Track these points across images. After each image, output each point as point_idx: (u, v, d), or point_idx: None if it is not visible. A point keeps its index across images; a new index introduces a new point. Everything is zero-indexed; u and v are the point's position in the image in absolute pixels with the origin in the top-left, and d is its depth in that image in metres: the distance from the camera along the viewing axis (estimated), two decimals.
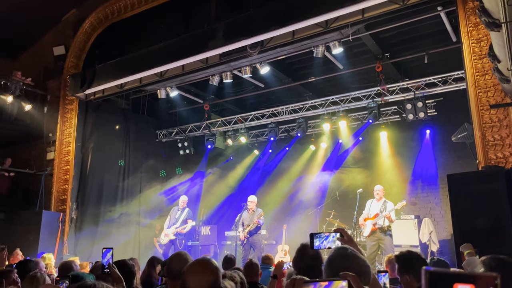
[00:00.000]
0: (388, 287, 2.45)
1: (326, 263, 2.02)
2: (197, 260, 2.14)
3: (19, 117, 10.20)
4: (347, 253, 1.99)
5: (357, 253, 2.00)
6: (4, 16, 10.38)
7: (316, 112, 9.90)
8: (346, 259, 1.94)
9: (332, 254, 2.02)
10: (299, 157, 11.73)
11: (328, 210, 10.35)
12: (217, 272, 2.01)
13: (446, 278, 0.72)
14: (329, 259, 2.02)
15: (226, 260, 5.53)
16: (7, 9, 10.17)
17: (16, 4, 10.06)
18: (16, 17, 10.45)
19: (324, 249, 2.25)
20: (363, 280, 1.78)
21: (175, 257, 2.76)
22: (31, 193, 10.14)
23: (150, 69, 8.72)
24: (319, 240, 2.21)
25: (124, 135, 11.11)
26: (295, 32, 7.07)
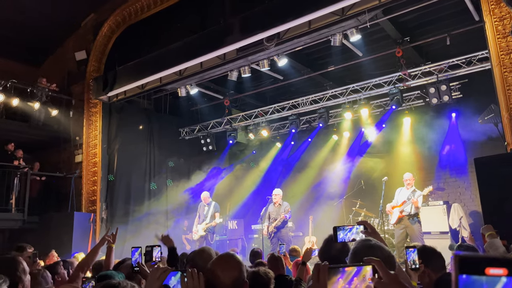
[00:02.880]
0: (417, 262, 2.42)
1: (351, 254, 2.01)
2: (221, 255, 2.17)
3: (46, 122, 10.54)
4: (371, 244, 1.98)
5: (381, 244, 1.98)
6: (27, 25, 10.70)
7: (337, 101, 9.79)
8: (370, 250, 1.93)
9: (356, 245, 2.02)
10: (322, 147, 11.65)
11: (354, 200, 10.26)
12: (241, 268, 2.04)
13: (477, 262, 0.67)
14: (353, 250, 2.01)
15: (253, 253, 5.58)
16: (28, 18, 10.48)
17: (37, 13, 10.34)
18: (38, 25, 10.76)
19: (348, 241, 2.25)
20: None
21: (199, 253, 2.81)
22: (62, 195, 10.47)
23: (169, 68, 8.81)
24: (343, 233, 2.21)
25: (148, 134, 11.30)
26: (311, 22, 6.99)
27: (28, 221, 9.68)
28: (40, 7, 10.23)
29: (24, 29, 10.86)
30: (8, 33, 10.89)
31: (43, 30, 11.01)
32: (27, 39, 11.28)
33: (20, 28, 10.79)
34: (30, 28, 10.85)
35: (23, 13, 10.33)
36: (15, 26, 10.69)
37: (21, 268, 2.20)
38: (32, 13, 10.36)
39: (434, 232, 8.44)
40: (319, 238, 9.92)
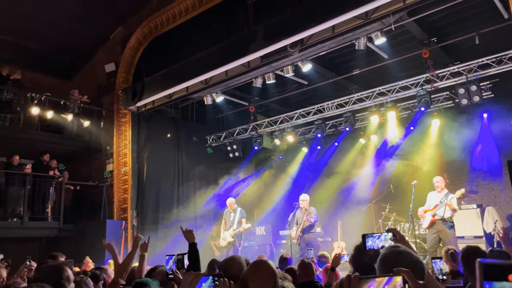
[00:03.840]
0: (444, 272, 2.38)
1: (379, 261, 2.01)
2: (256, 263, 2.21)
3: (79, 133, 10.92)
4: (399, 251, 1.97)
5: (410, 251, 1.98)
6: (59, 41, 11.15)
7: (363, 104, 9.70)
8: (399, 256, 1.92)
9: (385, 252, 2.02)
10: (349, 151, 11.53)
11: (383, 204, 10.10)
12: (276, 275, 2.07)
13: (500, 269, 0.72)
14: (382, 257, 2.01)
15: (282, 260, 5.60)
16: (60, 34, 10.92)
17: (68, 28, 10.77)
18: (69, 40, 11.19)
19: (377, 248, 2.24)
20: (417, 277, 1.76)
21: (229, 261, 2.86)
22: (95, 204, 10.78)
23: (195, 77, 8.98)
24: (371, 240, 2.21)
25: (176, 142, 11.51)
26: (334, 26, 6.98)
27: (63, 229, 10.03)
28: (71, 23, 10.64)
29: (56, 45, 11.32)
30: (42, 48, 11.38)
31: (74, 44, 11.44)
32: (60, 53, 11.75)
33: (53, 43, 11.25)
34: (62, 43, 11.29)
35: (56, 29, 10.78)
36: (48, 42, 11.16)
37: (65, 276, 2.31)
38: (64, 29, 10.79)
39: (468, 237, 8.21)
40: (348, 243, 9.81)
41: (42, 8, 9.99)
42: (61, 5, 10.02)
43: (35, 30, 10.71)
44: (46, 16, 10.30)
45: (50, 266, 2.47)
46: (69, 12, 10.31)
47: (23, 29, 10.60)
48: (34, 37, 10.94)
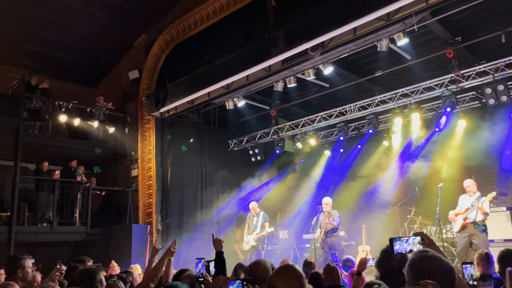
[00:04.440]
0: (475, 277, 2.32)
1: (408, 266, 1.99)
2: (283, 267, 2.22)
3: (104, 139, 11.19)
4: (428, 256, 1.94)
5: (439, 255, 1.94)
6: (84, 49, 11.47)
7: (386, 106, 9.58)
8: (428, 262, 1.90)
9: (414, 257, 1.99)
10: (372, 154, 11.39)
11: (409, 207, 9.92)
12: (302, 277, 2.08)
13: None
14: (410, 262, 1.99)
15: (306, 264, 5.58)
16: (86, 43, 11.23)
17: (93, 37, 11.06)
18: (95, 48, 11.50)
19: (405, 252, 2.22)
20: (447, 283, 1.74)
21: (255, 265, 2.88)
22: (121, 208, 11.01)
23: (217, 82, 9.07)
24: (399, 244, 2.19)
25: (199, 147, 11.64)
26: (356, 29, 6.94)
27: (91, 233, 10.27)
28: (96, 32, 10.94)
29: (82, 53, 11.65)
30: (68, 57, 11.73)
31: (99, 53, 11.75)
32: (86, 62, 12.08)
33: (78, 52, 11.58)
34: (88, 52, 11.62)
35: (82, 38, 11.10)
36: (74, 51, 11.49)
37: (98, 279, 2.38)
38: (90, 38, 11.10)
39: (498, 240, 7.98)
40: (373, 247, 9.68)
41: (69, 18, 10.31)
42: (87, 15, 10.32)
43: (62, 40, 11.05)
44: (73, 26, 10.62)
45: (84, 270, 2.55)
46: (95, 22, 10.60)
47: (50, 39, 10.96)
48: (61, 46, 11.29)
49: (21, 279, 3.25)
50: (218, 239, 3.72)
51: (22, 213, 9.53)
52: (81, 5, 10.00)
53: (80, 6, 10.00)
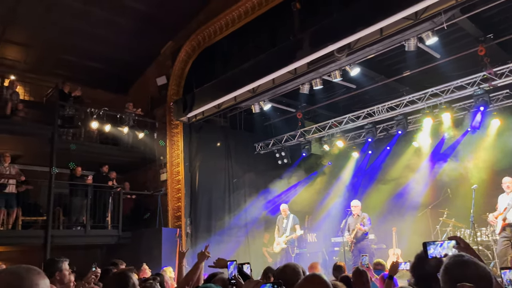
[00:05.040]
0: None
1: (442, 271, 1.95)
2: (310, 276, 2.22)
3: (134, 145, 11.45)
4: (464, 260, 1.90)
5: (475, 260, 1.90)
6: (114, 57, 11.80)
7: (415, 107, 9.38)
8: (464, 267, 1.85)
9: (448, 261, 1.95)
10: (402, 155, 11.16)
11: (441, 209, 9.67)
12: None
13: None
14: (445, 267, 1.95)
15: (336, 267, 5.52)
16: (115, 51, 11.56)
17: (122, 45, 11.38)
18: (124, 56, 11.82)
19: (439, 257, 2.17)
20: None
21: (285, 268, 2.89)
22: (150, 212, 11.22)
23: (243, 87, 9.13)
24: (433, 248, 2.14)
25: (226, 151, 11.74)
26: (382, 29, 6.85)
27: (122, 236, 10.51)
28: (124, 40, 11.24)
29: (112, 61, 11.99)
30: (99, 66, 12.10)
31: (129, 60, 12.07)
32: (115, 70, 12.42)
33: (108, 60, 11.92)
34: (117, 60, 11.95)
35: (111, 47, 11.44)
36: (105, 59, 11.84)
37: (131, 283, 2.45)
38: (118, 46, 11.42)
39: None
40: (403, 250, 9.48)
41: (100, 28, 10.65)
42: (117, 24, 10.63)
43: (93, 49, 11.41)
44: (103, 35, 10.96)
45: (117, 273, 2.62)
46: (124, 31, 10.90)
47: (82, 48, 11.34)
48: (92, 55, 11.67)
49: (59, 282, 3.36)
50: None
51: (57, 217, 9.87)
52: (111, 15, 10.31)
53: (110, 16, 10.31)
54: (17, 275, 1.28)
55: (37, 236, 9.25)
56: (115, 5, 10.01)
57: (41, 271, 1.36)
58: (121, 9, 10.16)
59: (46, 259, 8.41)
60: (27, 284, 1.26)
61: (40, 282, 1.31)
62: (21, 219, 9.32)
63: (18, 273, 1.29)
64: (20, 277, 1.27)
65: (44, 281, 1.32)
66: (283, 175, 12.15)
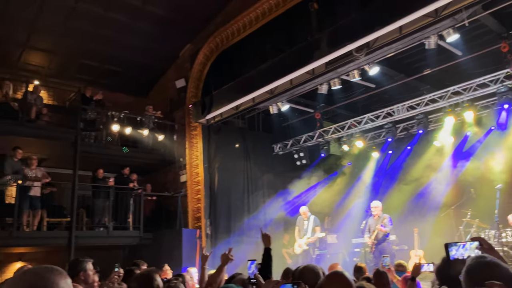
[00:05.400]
0: None
1: (464, 272, 1.92)
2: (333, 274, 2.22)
3: (154, 147, 11.61)
4: (486, 261, 1.87)
5: (498, 261, 1.86)
6: (133, 61, 12.00)
7: (436, 105, 9.22)
8: (486, 268, 1.82)
9: (471, 263, 1.92)
10: (423, 154, 10.96)
11: (464, 210, 9.46)
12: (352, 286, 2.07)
13: None
14: (467, 268, 1.92)
15: (357, 269, 5.49)
16: (134, 54, 11.75)
17: (141, 49, 11.56)
18: (144, 59, 12.01)
19: (462, 258, 2.14)
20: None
21: (305, 270, 2.89)
22: (171, 213, 11.35)
23: (260, 88, 9.16)
24: (455, 249, 2.11)
25: (244, 152, 11.79)
26: (402, 27, 6.75)
27: (143, 237, 10.65)
28: (143, 44, 11.42)
29: (132, 65, 12.19)
30: (119, 69, 12.32)
31: (148, 63, 12.26)
32: (135, 73, 12.63)
33: (128, 64, 12.13)
34: (137, 63, 12.14)
35: (131, 51, 11.63)
36: (125, 63, 12.05)
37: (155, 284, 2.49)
38: (138, 50, 11.61)
39: None
40: (426, 251, 9.32)
41: (120, 33, 10.85)
42: (136, 28, 10.80)
43: (113, 53, 11.64)
44: (123, 40, 11.16)
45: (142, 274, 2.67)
46: (143, 35, 11.08)
47: (103, 53, 11.58)
48: (113, 59, 11.89)
49: (83, 281, 3.44)
50: (266, 234, 3.74)
51: (81, 219, 10.08)
52: (130, 20, 10.50)
53: (129, 20, 10.50)
54: (40, 276, 1.32)
55: (62, 237, 9.47)
56: (135, 10, 10.19)
57: (63, 271, 1.39)
58: (140, 13, 10.34)
59: (70, 259, 8.60)
60: (48, 284, 1.30)
61: (61, 282, 1.34)
62: (46, 221, 9.55)
63: (39, 273, 1.33)
64: (42, 277, 1.32)
65: (65, 281, 1.36)
66: (302, 176, 12.11)
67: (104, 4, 9.93)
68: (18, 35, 10.66)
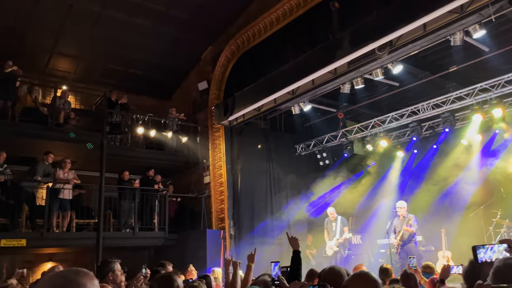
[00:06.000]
0: None
1: (492, 274, 1.89)
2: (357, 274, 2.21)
3: (178, 149, 11.77)
4: None
5: None
6: (157, 65, 12.20)
7: (463, 103, 9.00)
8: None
9: (498, 265, 1.88)
10: (450, 153, 10.71)
11: (494, 210, 9.20)
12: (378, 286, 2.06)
13: None
14: (494, 270, 1.88)
15: (382, 270, 5.40)
16: (158, 58, 11.96)
17: (164, 53, 11.75)
18: (167, 63, 12.20)
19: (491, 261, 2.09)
20: None
21: (329, 271, 2.88)
22: (195, 214, 11.48)
23: (282, 88, 9.16)
24: (483, 252, 2.07)
25: (266, 153, 11.80)
26: (426, 24, 6.63)
27: (168, 238, 10.81)
28: (166, 47, 11.61)
29: (155, 68, 12.40)
30: (143, 73, 12.55)
31: (171, 67, 12.45)
32: (158, 76, 12.83)
33: (151, 68, 12.34)
34: (160, 67, 12.34)
35: (154, 55, 11.84)
36: (148, 66, 12.26)
37: (176, 285, 2.55)
38: (161, 53, 11.80)
39: None
40: (454, 253, 9.11)
41: (143, 37, 11.06)
42: (159, 32, 11.00)
43: (137, 57, 11.87)
44: (146, 44, 11.37)
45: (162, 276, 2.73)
46: (165, 38, 11.26)
47: (127, 57, 11.82)
48: (137, 63, 12.13)
49: (112, 282, 3.54)
50: (294, 238, 3.75)
51: (108, 220, 10.31)
52: (154, 24, 10.68)
53: (153, 25, 10.69)
54: (68, 278, 1.35)
55: (90, 238, 9.70)
56: (158, 14, 10.36)
57: (90, 273, 1.42)
58: (163, 18, 10.50)
59: (98, 259, 8.81)
60: (76, 286, 1.33)
61: (89, 284, 1.37)
62: (75, 222, 9.82)
63: (67, 276, 1.36)
64: (70, 279, 1.35)
65: (92, 282, 1.38)
66: (325, 176, 12.03)
67: (129, 10, 10.15)
68: (46, 42, 11.00)
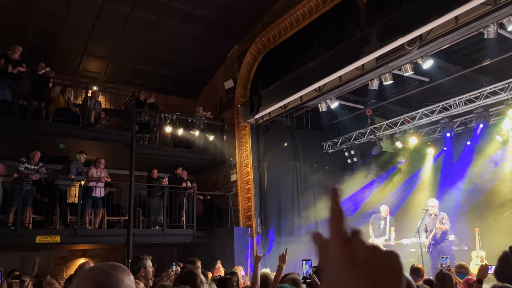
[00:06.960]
0: None
1: None
2: None
3: (205, 147, 11.89)
4: None
5: None
6: (184, 64, 12.35)
7: (497, 98, 8.67)
8: None
9: None
10: (484, 150, 10.36)
11: None
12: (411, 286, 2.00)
13: None
14: None
15: (413, 270, 5.29)
16: (185, 58, 12.10)
17: (191, 52, 11.88)
18: (194, 62, 12.34)
19: None
20: None
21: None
22: (222, 212, 11.58)
23: (308, 86, 9.08)
24: None
25: (293, 151, 11.74)
26: (458, 17, 6.43)
27: (196, 235, 10.94)
28: (193, 47, 11.73)
29: (182, 68, 12.55)
30: (170, 72, 12.73)
31: (198, 66, 12.57)
32: (185, 75, 13.00)
33: (179, 67, 12.50)
34: (187, 66, 12.49)
35: (180, 54, 11.99)
36: (175, 66, 12.43)
37: (199, 280, 2.59)
38: (188, 53, 11.95)
39: None
40: (489, 252, 8.81)
41: (170, 37, 11.23)
42: (186, 32, 11.13)
43: (164, 57, 12.05)
44: (173, 43, 11.53)
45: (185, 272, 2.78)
46: (192, 37, 11.38)
47: (155, 57, 12.02)
48: (164, 63, 12.31)
49: (143, 277, 3.61)
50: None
51: (138, 217, 10.53)
52: (180, 24, 10.81)
53: (180, 25, 10.82)
54: (105, 272, 1.37)
55: (121, 235, 9.92)
56: (185, 14, 10.48)
57: (126, 268, 1.44)
58: (190, 17, 10.61)
59: (128, 256, 9.01)
60: (113, 281, 1.35)
61: (125, 279, 1.38)
62: (106, 219, 10.08)
63: (105, 271, 1.38)
64: (107, 274, 1.36)
65: (128, 278, 1.40)
66: (353, 174, 11.86)
67: (157, 10, 10.32)
68: (77, 44, 11.32)
